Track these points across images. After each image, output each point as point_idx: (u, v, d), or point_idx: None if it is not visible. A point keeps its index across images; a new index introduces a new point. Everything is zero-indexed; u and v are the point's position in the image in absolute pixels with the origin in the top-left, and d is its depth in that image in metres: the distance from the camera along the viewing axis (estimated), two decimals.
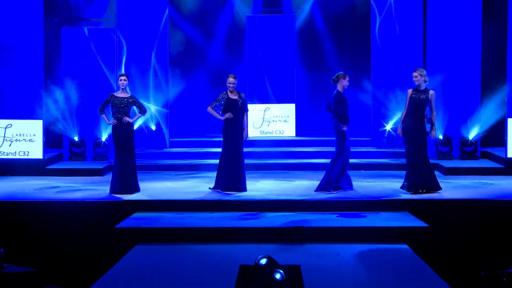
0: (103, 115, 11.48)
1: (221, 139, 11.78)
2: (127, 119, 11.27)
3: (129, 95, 11.40)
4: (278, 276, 6.55)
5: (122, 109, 11.26)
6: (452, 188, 11.84)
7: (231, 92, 11.57)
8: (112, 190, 11.28)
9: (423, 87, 11.15)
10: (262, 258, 7.02)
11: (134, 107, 11.53)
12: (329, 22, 17.71)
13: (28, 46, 13.86)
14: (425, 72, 11.25)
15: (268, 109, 16.73)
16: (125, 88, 11.34)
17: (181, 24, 17.69)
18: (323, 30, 17.74)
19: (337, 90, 11.35)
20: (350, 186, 11.53)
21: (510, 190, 11.61)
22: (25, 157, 13.85)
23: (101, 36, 15.19)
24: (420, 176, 11.12)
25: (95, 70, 15.07)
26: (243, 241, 9.08)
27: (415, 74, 11.17)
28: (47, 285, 7.73)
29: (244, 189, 11.48)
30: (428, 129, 11.21)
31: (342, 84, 11.33)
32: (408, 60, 15.27)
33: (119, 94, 11.33)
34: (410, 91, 11.25)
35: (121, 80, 11.29)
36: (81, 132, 15.06)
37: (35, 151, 13.85)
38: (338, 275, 7.58)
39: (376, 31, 15.55)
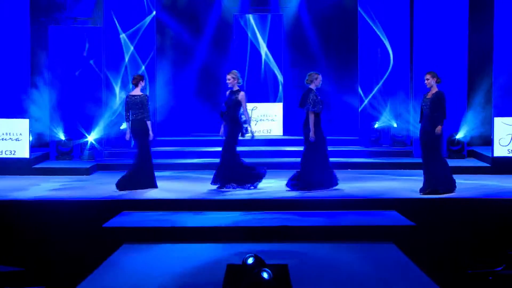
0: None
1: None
2: None
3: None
4: (265, 275, 6.56)
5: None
6: None
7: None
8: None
9: (236, 88, 11.45)
10: (249, 257, 7.03)
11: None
12: (317, 21, 17.72)
13: (14, 45, 13.79)
14: (239, 74, 11.52)
15: (255, 108, 16.72)
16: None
17: (169, 22, 17.66)
18: (310, 29, 17.76)
19: (439, 90, 11.18)
20: None
21: (496, 189, 11.68)
22: (12, 156, 13.78)
23: (88, 35, 15.12)
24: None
25: (82, 69, 15.00)
26: (230, 240, 9.08)
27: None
28: (33, 284, 7.70)
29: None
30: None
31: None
32: (395, 59, 15.33)
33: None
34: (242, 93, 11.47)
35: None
36: (68, 131, 14.99)
37: (22, 150, 13.79)
38: (325, 274, 7.59)
39: (363, 31, 15.58)
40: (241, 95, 11.44)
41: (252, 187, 11.61)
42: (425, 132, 11.06)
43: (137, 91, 11.60)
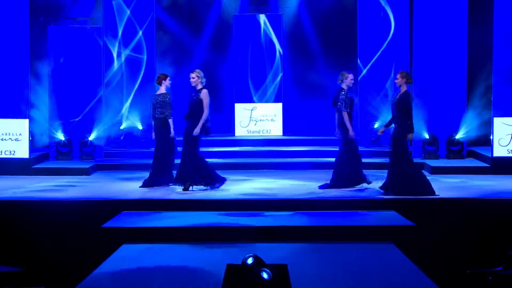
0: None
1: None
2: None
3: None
4: (265, 275, 6.55)
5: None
6: (438, 187, 11.88)
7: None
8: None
9: (199, 87, 11.51)
10: (249, 257, 7.02)
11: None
12: (316, 21, 17.73)
13: (13, 44, 13.77)
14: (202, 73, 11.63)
15: (255, 108, 16.73)
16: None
17: (169, 22, 17.66)
18: (310, 29, 17.77)
19: (406, 91, 11.13)
20: None
21: (496, 189, 11.67)
22: (11, 156, 13.76)
23: (87, 35, 15.12)
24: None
25: (81, 69, 15.00)
26: (230, 240, 9.07)
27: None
28: (33, 285, 7.69)
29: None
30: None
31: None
32: (394, 59, 15.33)
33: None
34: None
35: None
36: (68, 131, 14.99)
37: (21, 150, 13.77)
38: (324, 274, 7.59)
39: (363, 31, 15.59)
40: (204, 93, 11.48)
41: (209, 188, 11.60)
42: (393, 133, 11.09)
43: (161, 90, 11.92)
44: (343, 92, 11.43)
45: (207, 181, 11.56)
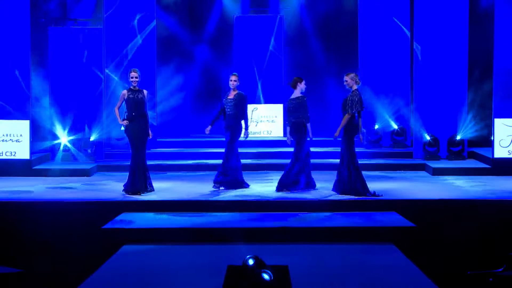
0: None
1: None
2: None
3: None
4: (266, 276, 6.56)
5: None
6: (439, 188, 11.89)
7: None
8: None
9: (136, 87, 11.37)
10: (249, 258, 7.02)
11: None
12: (317, 23, 17.74)
13: (14, 46, 13.78)
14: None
15: (255, 109, 16.73)
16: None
17: (170, 24, 17.68)
18: (311, 30, 17.78)
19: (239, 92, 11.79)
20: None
21: (497, 190, 11.66)
22: (12, 157, 13.77)
23: (88, 35, 15.13)
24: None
25: (82, 70, 15.01)
26: (230, 241, 9.08)
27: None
28: (33, 286, 7.69)
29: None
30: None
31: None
32: (395, 61, 15.34)
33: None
34: (125, 91, 11.39)
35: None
36: (69, 132, 14.99)
37: (22, 151, 13.77)
38: (325, 275, 7.59)
39: (364, 32, 15.61)
40: (146, 93, 11.51)
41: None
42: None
43: (296, 94, 11.66)
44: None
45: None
